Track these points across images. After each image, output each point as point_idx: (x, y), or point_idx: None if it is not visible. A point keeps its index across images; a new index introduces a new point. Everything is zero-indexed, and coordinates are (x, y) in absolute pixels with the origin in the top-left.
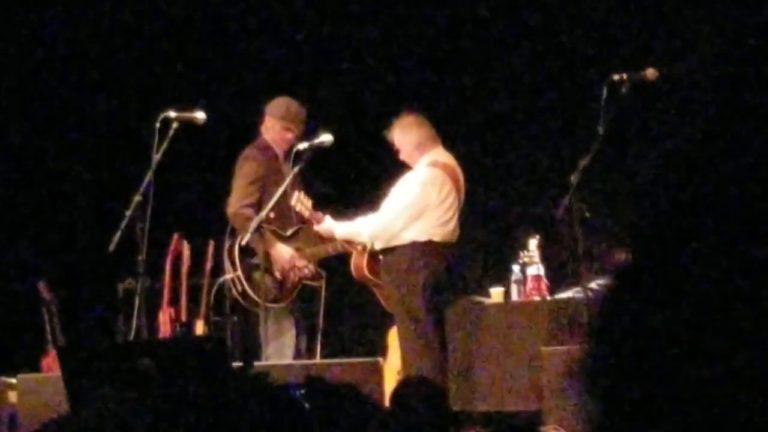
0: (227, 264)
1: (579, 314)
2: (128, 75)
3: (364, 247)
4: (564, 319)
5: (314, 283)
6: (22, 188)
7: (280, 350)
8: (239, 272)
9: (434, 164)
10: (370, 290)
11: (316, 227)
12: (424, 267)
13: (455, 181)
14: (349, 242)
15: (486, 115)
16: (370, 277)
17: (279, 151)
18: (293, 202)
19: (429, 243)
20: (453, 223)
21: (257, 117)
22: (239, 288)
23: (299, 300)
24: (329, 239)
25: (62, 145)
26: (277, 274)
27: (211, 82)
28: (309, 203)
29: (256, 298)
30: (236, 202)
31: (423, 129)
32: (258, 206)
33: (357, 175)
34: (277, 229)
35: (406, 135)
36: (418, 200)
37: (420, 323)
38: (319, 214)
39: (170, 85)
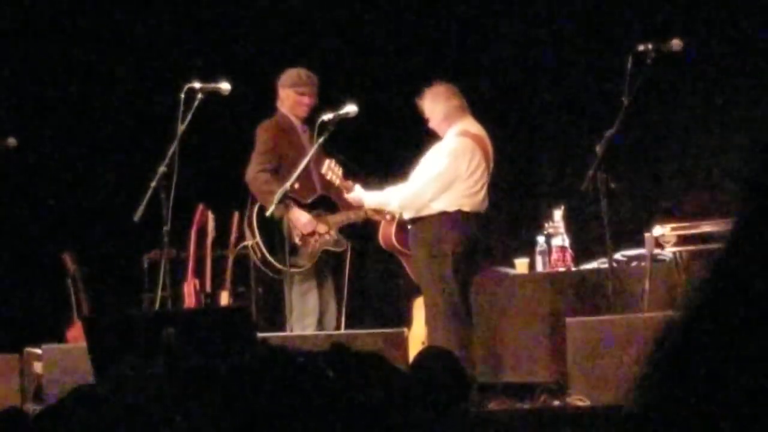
0: (247, 231)
1: (603, 285)
2: (154, 46)
3: (393, 217)
4: (588, 290)
5: (336, 249)
6: (47, 159)
7: (302, 317)
8: (258, 239)
9: (464, 134)
10: (397, 260)
11: (346, 195)
12: (453, 237)
13: (485, 151)
14: (378, 212)
15: (512, 85)
16: (398, 246)
17: (297, 120)
18: (324, 170)
19: (458, 213)
20: (482, 194)
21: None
22: (259, 254)
23: (328, 267)
24: (353, 207)
25: (87, 116)
26: (297, 240)
27: (236, 53)
28: (340, 171)
29: (275, 263)
30: (252, 169)
31: (454, 99)
32: (275, 174)
33: (380, 147)
34: (297, 197)
35: (436, 104)
36: (449, 170)
37: (447, 293)
38: (349, 182)
39: (195, 56)
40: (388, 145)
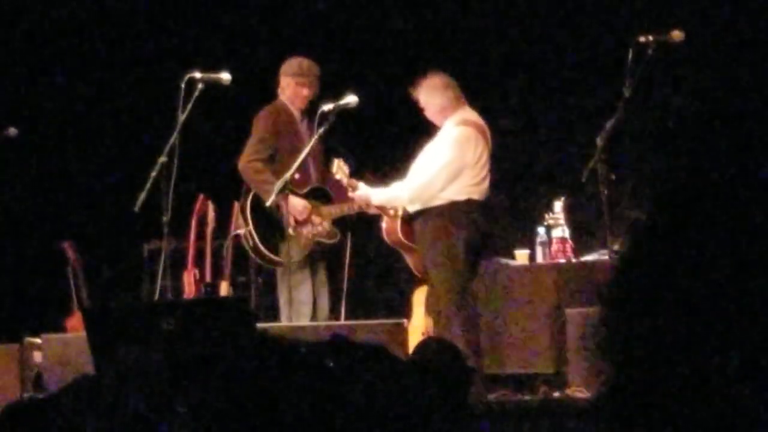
0: (240, 219)
1: (603, 276)
2: (154, 35)
3: (396, 212)
4: (588, 281)
5: (329, 241)
6: (47, 149)
7: (296, 307)
8: (251, 227)
9: (464, 123)
10: (397, 252)
11: (351, 194)
12: (466, 226)
13: (485, 139)
14: (382, 208)
15: (512, 76)
16: (405, 241)
17: (296, 110)
18: (334, 169)
19: (469, 202)
20: (487, 181)
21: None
22: (251, 242)
23: (321, 258)
24: (348, 200)
25: (88, 105)
26: (290, 231)
27: (236, 43)
28: (347, 170)
29: (266, 252)
30: (245, 157)
31: (449, 90)
32: (268, 163)
33: (380, 138)
34: (293, 187)
35: (432, 96)
36: (456, 159)
37: (458, 283)
38: (354, 181)
39: (196, 46)
40: (388, 136)
